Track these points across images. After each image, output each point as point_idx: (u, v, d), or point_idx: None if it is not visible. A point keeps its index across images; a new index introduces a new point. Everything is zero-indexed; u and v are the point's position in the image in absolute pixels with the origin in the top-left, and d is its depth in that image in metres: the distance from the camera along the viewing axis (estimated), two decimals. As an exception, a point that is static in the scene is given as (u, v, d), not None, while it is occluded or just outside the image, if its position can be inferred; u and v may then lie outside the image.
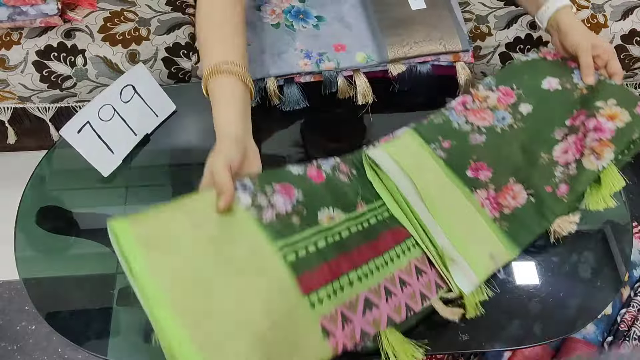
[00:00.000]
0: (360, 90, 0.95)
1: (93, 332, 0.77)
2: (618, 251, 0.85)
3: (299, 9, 1.02)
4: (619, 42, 1.22)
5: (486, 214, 0.79)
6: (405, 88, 0.99)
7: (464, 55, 0.99)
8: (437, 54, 0.97)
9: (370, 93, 0.96)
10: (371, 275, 0.69)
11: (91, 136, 0.87)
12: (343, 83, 0.96)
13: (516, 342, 0.77)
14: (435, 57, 0.98)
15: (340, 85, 0.96)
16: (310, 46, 0.96)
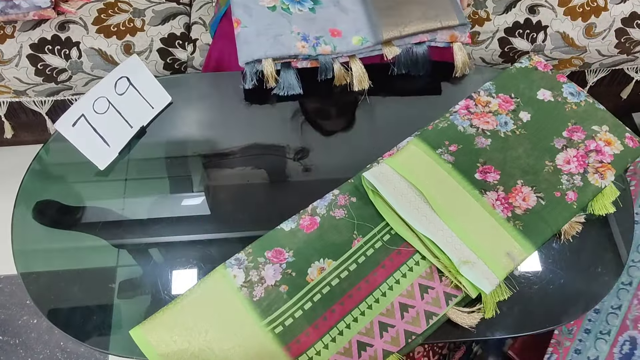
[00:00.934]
0: (356, 76, 0.94)
1: (94, 327, 0.77)
2: (620, 237, 0.84)
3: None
4: (619, 25, 1.20)
5: (498, 215, 0.80)
6: (403, 72, 0.98)
7: (461, 35, 0.98)
8: (433, 30, 0.96)
9: (366, 79, 0.95)
10: (362, 317, 0.73)
11: (86, 129, 0.86)
12: (339, 70, 0.95)
13: (518, 330, 0.77)
14: (432, 38, 0.97)
15: (337, 72, 0.95)
16: (307, 29, 0.95)
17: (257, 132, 0.94)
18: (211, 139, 0.94)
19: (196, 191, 0.90)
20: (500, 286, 0.75)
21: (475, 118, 0.90)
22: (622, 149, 0.86)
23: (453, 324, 0.75)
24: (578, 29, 1.21)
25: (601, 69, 1.34)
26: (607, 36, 1.21)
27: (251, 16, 0.96)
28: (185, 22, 1.25)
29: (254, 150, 0.93)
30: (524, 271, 0.80)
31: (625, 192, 0.86)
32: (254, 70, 0.93)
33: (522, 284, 0.79)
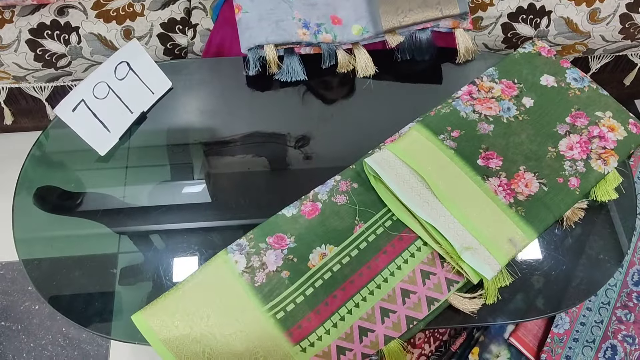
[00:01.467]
0: (360, 64, 0.94)
1: (96, 313, 0.77)
2: (621, 224, 0.84)
3: None
4: (624, 10, 1.19)
5: (500, 201, 0.79)
6: (408, 57, 0.97)
7: (463, 22, 0.97)
8: (433, 19, 0.95)
9: (371, 66, 0.94)
10: (364, 302, 0.74)
11: (86, 114, 0.86)
12: (343, 57, 0.94)
13: (519, 316, 0.77)
14: (435, 23, 0.96)
15: (341, 59, 0.94)
16: (308, 16, 0.94)
17: (258, 118, 0.94)
18: (212, 125, 0.94)
19: (197, 178, 0.89)
20: (502, 272, 0.75)
21: (478, 104, 0.89)
22: (626, 135, 0.86)
23: (454, 309, 0.75)
24: (582, 14, 1.19)
25: (605, 55, 1.33)
26: (611, 22, 1.20)
27: (252, 1, 0.95)
28: (186, 7, 1.24)
29: (255, 137, 0.92)
30: (525, 257, 0.80)
31: (628, 178, 0.86)
32: (256, 57, 0.92)
33: (523, 270, 0.79)
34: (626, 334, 1.08)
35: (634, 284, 1.13)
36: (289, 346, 0.70)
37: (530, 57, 0.95)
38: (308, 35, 0.92)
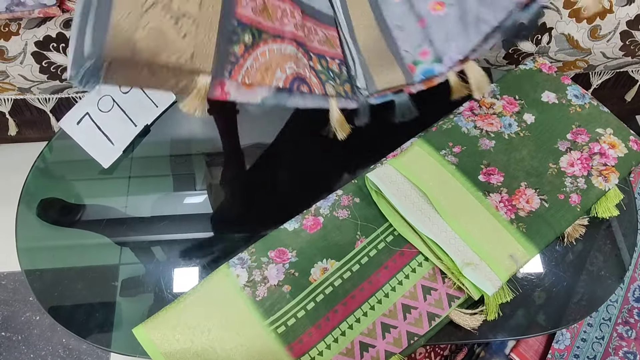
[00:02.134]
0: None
1: (96, 324, 0.77)
2: (623, 239, 0.84)
3: None
4: (624, 27, 1.20)
5: (502, 217, 0.80)
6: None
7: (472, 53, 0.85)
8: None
9: (486, 81, 0.82)
10: (365, 318, 0.73)
11: (91, 127, 0.87)
12: (455, 81, 0.83)
13: (520, 332, 0.77)
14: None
15: (453, 84, 0.83)
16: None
17: (261, 130, 0.95)
18: (215, 138, 0.94)
19: (199, 189, 0.90)
20: (503, 288, 0.75)
21: (480, 120, 0.90)
22: (627, 152, 0.86)
23: (455, 325, 0.75)
24: (583, 31, 1.20)
25: (606, 72, 1.33)
26: (612, 38, 1.21)
27: None
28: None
29: (258, 148, 0.93)
30: (526, 273, 0.80)
31: (629, 195, 0.86)
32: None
33: (524, 286, 0.79)
34: (627, 351, 1.07)
35: (635, 300, 1.12)
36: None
37: (531, 73, 0.96)
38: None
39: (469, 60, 0.80)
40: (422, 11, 0.83)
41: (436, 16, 0.82)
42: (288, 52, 0.70)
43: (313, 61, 0.75)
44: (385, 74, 0.78)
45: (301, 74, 0.70)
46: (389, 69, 0.78)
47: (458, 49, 0.79)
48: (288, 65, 0.69)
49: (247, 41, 0.66)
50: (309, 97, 0.72)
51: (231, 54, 0.64)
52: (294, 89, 0.69)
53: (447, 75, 0.80)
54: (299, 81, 0.70)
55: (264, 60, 0.67)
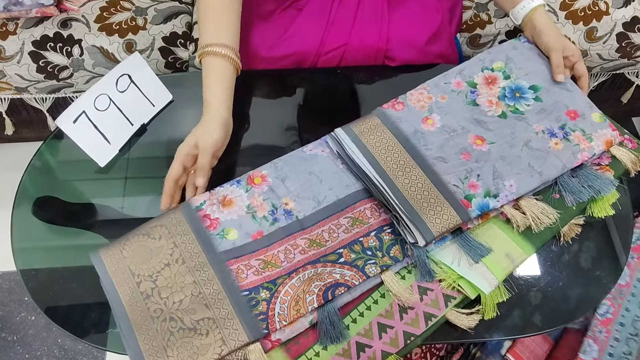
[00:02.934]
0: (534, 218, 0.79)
1: (92, 324, 0.77)
2: (619, 240, 0.84)
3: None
4: (621, 29, 1.21)
5: (497, 216, 0.80)
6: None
7: (615, 137, 0.85)
8: None
9: (552, 212, 0.80)
10: (361, 318, 0.73)
11: (87, 126, 0.87)
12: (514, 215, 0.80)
13: (516, 332, 0.77)
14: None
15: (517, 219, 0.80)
16: None
17: (257, 131, 0.95)
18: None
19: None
20: (499, 287, 0.75)
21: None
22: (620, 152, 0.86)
23: (452, 325, 0.75)
24: (579, 32, 1.21)
25: (602, 73, 1.34)
26: (608, 40, 1.21)
27: None
28: (187, 21, 1.25)
29: (254, 149, 0.93)
30: (522, 273, 0.80)
31: (624, 194, 0.86)
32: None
33: (520, 286, 0.79)
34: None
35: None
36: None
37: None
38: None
39: (525, 197, 0.80)
40: (463, 143, 0.83)
41: (479, 151, 0.82)
42: (307, 277, 0.74)
43: (344, 255, 0.75)
44: (439, 218, 0.75)
45: (330, 282, 0.73)
46: (442, 211, 0.75)
47: (515, 189, 0.79)
48: (314, 285, 0.72)
49: (266, 296, 0.72)
50: (355, 289, 0.74)
51: (257, 315, 0.70)
52: (330, 297, 0.71)
53: (502, 209, 0.79)
54: (332, 288, 0.72)
55: (289, 297, 0.72)
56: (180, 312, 0.71)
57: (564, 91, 0.89)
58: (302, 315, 0.70)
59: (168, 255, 0.75)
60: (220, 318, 0.70)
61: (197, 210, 0.79)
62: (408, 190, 0.77)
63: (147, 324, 0.70)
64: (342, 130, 0.84)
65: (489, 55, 0.93)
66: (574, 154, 0.82)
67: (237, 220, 0.78)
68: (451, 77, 0.91)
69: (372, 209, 0.80)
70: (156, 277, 0.73)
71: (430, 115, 0.86)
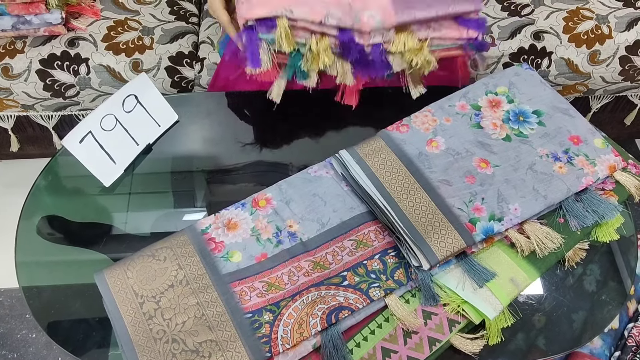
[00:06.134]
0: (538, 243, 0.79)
1: (93, 343, 0.76)
2: (623, 264, 0.84)
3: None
4: (624, 52, 1.21)
5: (502, 241, 0.80)
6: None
7: (618, 163, 0.85)
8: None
9: (557, 237, 0.80)
10: (365, 342, 0.73)
11: (93, 146, 0.87)
12: (517, 238, 0.80)
13: (520, 357, 0.76)
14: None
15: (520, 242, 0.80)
16: None
17: (262, 151, 0.95)
18: (216, 157, 0.95)
19: (199, 207, 0.90)
20: (503, 312, 0.75)
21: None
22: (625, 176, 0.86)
23: (455, 349, 0.74)
24: (582, 55, 1.22)
25: (605, 96, 1.35)
26: (611, 63, 1.22)
27: None
28: (194, 41, 1.27)
29: (258, 169, 0.93)
30: (527, 298, 0.80)
31: (629, 219, 0.86)
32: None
33: (525, 310, 0.79)
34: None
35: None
36: None
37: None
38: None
39: (529, 221, 0.80)
40: (468, 167, 0.83)
41: (484, 174, 0.82)
42: (311, 300, 0.74)
43: (348, 278, 0.75)
44: (443, 242, 0.74)
45: (334, 305, 0.73)
46: (446, 235, 0.75)
47: (519, 213, 0.79)
48: (317, 308, 0.72)
49: (269, 319, 0.72)
50: (359, 313, 0.74)
51: (260, 337, 0.70)
52: (334, 320, 0.71)
53: (507, 233, 0.79)
54: (336, 311, 0.72)
55: (293, 320, 0.72)
56: (183, 334, 0.70)
57: (567, 117, 0.89)
58: (305, 338, 0.70)
59: (172, 277, 0.75)
60: (223, 340, 0.70)
61: (203, 234, 0.79)
62: (412, 213, 0.77)
63: (149, 345, 0.70)
64: (347, 152, 0.84)
65: (492, 80, 0.94)
66: (579, 178, 0.82)
67: (241, 243, 0.78)
68: (455, 100, 0.91)
69: (376, 231, 0.80)
70: (159, 298, 0.73)
71: (435, 137, 0.86)
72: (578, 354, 1.04)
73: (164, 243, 0.78)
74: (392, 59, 0.91)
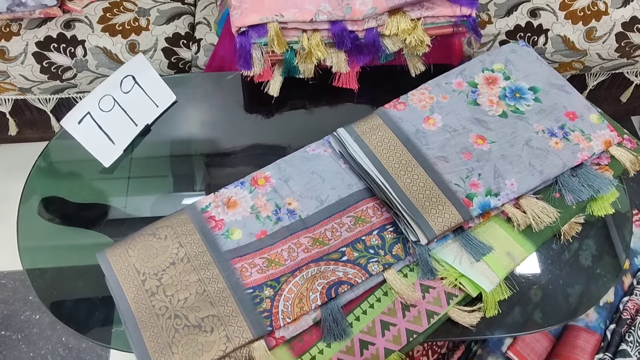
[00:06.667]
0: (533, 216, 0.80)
1: (96, 321, 0.78)
2: (618, 238, 0.85)
3: None
4: (620, 29, 1.21)
5: (499, 216, 0.81)
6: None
7: (614, 138, 0.86)
8: None
9: (552, 211, 0.81)
10: (364, 316, 0.74)
11: (92, 127, 0.88)
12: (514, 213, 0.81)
13: (517, 329, 0.78)
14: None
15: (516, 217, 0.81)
16: None
17: (260, 131, 0.95)
18: (215, 138, 0.95)
19: (199, 189, 0.91)
20: (500, 285, 0.76)
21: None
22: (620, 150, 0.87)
23: (453, 322, 0.76)
24: (579, 32, 1.22)
25: (601, 73, 1.35)
26: (608, 40, 1.22)
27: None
28: (190, 22, 1.26)
29: (257, 150, 0.94)
30: (523, 271, 0.81)
31: (623, 193, 0.87)
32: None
33: (521, 283, 0.80)
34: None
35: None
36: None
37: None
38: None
39: (526, 196, 0.81)
40: (465, 143, 0.84)
41: (480, 150, 0.83)
42: (311, 275, 0.74)
43: (347, 254, 0.76)
44: (441, 217, 0.75)
45: (333, 280, 0.74)
46: (444, 210, 0.76)
47: (516, 188, 0.79)
48: (317, 283, 0.73)
49: (270, 294, 0.73)
50: (358, 287, 0.75)
51: (261, 312, 0.72)
52: (333, 294, 0.72)
53: (503, 207, 0.80)
54: (335, 286, 0.73)
55: (293, 295, 0.73)
56: (185, 310, 0.72)
57: (563, 93, 0.89)
58: (305, 312, 0.71)
59: (173, 254, 0.76)
60: (224, 315, 0.71)
61: (203, 212, 0.80)
62: (410, 190, 0.78)
63: (152, 321, 0.71)
64: (344, 130, 0.85)
65: (488, 57, 0.94)
66: (574, 153, 0.83)
67: (241, 221, 0.79)
68: (452, 77, 0.92)
69: (374, 208, 0.81)
70: (161, 276, 0.74)
71: (432, 115, 0.87)
72: (574, 328, 1.06)
73: (165, 222, 0.79)
74: (386, 41, 0.91)
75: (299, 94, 0.99)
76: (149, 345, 0.70)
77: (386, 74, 1.01)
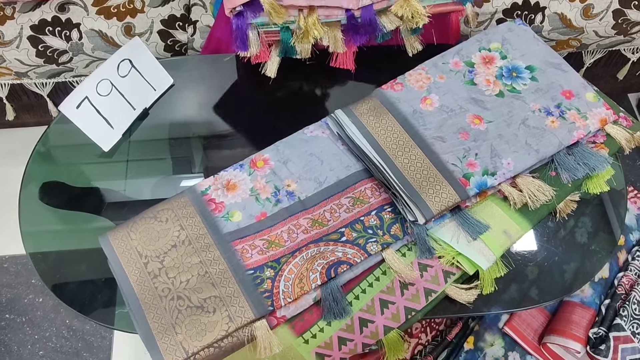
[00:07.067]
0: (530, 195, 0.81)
1: (100, 303, 0.79)
2: (614, 215, 0.86)
3: None
4: (617, 6, 1.21)
5: (495, 194, 0.81)
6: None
7: (609, 116, 0.86)
8: None
9: (548, 190, 0.82)
10: (363, 295, 0.75)
11: (90, 111, 0.88)
12: (510, 192, 0.82)
13: (513, 305, 0.79)
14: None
15: (511, 195, 0.82)
16: None
17: (258, 114, 0.96)
18: (213, 121, 0.96)
19: (198, 172, 0.91)
20: (497, 263, 0.77)
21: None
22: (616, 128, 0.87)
23: (451, 300, 0.77)
24: (576, 10, 1.21)
25: (598, 50, 1.34)
26: (605, 17, 1.22)
27: None
28: (185, 4, 1.25)
29: (255, 132, 0.94)
30: (519, 249, 0.83)
31: (619, 171, 0.88)
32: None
33: (517, 261, 0.81)
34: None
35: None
36: (292, 338, 0.73)
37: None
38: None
39: (522, 175, 0.81)
40: (462, 123, 0.84)
41: (477, 130, 0.83)
42: (310, 256, 0.75)
43: (346, 234, 0.77)
44: (438, 196, 0.76)
45: (333, 260, 0.74)
46: (441, 190, 0.77)
47: (512, 167, 0.80)
48: (317, 263, 0.74)
49: (270, 274, 0.74)
50: (357, 267, 0.76)
51: (262, 292, 0.73)
52: (333, 274, 0.73)
53: (500, 187, 0.80)
54: (335, 266, 0.74)
55: (293, 275, 0.74)
56: (187, 291, 0.73)
57: (559, 72, 0.90)
58: (306, 292, 0.73)
59: (175, 237, 0.77)
60: (226, 296, 0.72)
61: (203, 195, 0.81)
62: (407, 170, 0.79)
63: (155, 302, 0.72)
64: (342, 112, 0.85)
65: (485, 36, 0.94)
66: (570, 132, 0.84)
67: (241, 203, 0.80)
68: (449, 57, 0.92)
69: (372, 188, 0.81)
70: (163, 258, 0.75)
71: (429, 95, 0.87)
72: (569, 303, 1.08)
73: (165, 205, 0.80)
74: (383, 20, 0.91)
75: (297, 75, 0.99)
76: (153, 326, 0.71)
77: (383, 54, 1.00)
